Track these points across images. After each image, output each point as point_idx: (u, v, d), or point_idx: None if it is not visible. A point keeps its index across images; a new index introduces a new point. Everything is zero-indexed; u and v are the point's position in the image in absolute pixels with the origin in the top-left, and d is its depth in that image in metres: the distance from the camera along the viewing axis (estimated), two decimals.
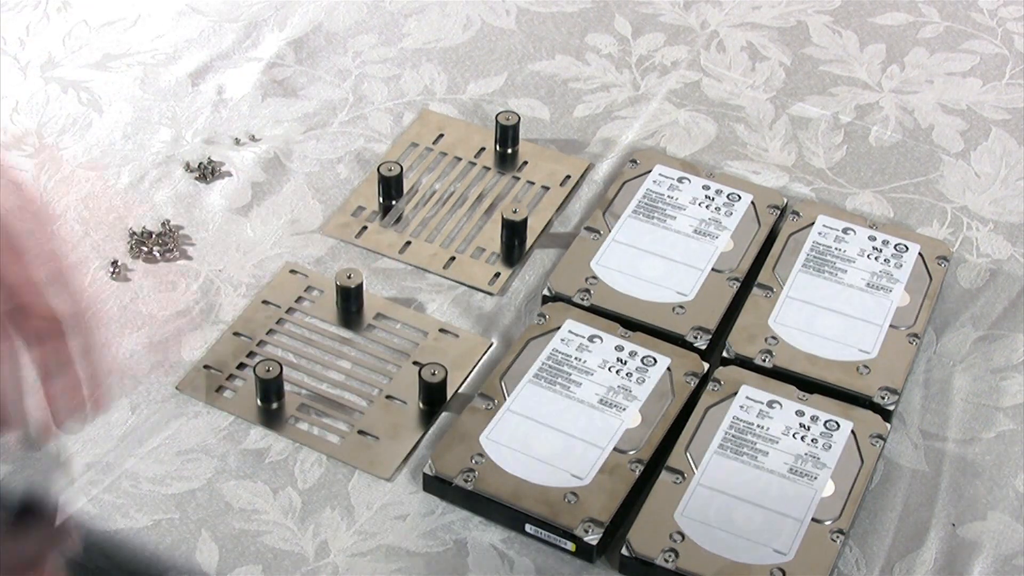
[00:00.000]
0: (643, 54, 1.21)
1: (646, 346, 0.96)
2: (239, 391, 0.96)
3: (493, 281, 1.03)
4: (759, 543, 0.86)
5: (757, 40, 1.23)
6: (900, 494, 0.91)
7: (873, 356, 0.96)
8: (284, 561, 0.87)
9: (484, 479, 0.89)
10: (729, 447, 0.91)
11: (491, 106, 1.16)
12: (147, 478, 0.91)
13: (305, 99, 1.16)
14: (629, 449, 0.90)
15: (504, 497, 0.88)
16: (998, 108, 1.17)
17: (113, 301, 1.01)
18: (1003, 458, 0.93)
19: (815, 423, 0.92)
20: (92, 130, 1.13)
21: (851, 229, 1.04)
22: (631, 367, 0.94)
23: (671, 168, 1.08)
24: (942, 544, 0.89)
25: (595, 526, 0.87)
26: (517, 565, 0.87)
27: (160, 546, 0.88)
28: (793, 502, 0.88)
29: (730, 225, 1.04)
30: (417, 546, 0.88)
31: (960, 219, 1.08)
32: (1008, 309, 1.02)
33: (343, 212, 1.08)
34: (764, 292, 0.99)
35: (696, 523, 0.87)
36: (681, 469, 0.89)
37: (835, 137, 1.15)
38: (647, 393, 0.93)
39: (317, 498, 0.90)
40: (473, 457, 0.90)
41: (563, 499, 0.88)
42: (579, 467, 0.89)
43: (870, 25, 1.25)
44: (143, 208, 1.07)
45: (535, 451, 0.90)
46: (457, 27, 1.24)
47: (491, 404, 0.92)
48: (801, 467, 0.90)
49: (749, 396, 0.93)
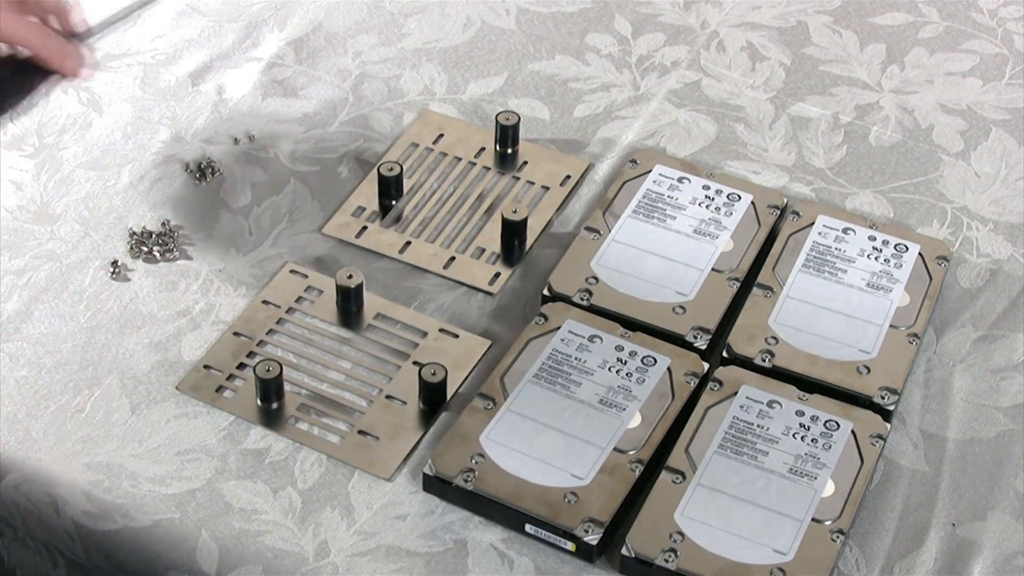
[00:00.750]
0: (643, 54, 1.21)
1: (646, 346, 0.96)
2: (239, 391, 0.96)
3: (493, 281, 1.03)
4: (759, 543, 0.86)
5: (757, 40, 1.23)
6: (900, 494, 0.91)
7: (873, 356, 0.96)
8: (284, 561, 0.87)
9: (484, 479, 0.89)
10: (729, 447, 0.91)
11: (491, 106, 1.16)
12: (147, 478, 0.91)
13: (305, 99, 1.16)
14: (629, 449, 0.90)
15: (504, 497, 0.88)
16: (998, 108, 1.17)
17: (113, 301, 1.01)
18: (1003, 458, 0.93)
19: (815, 423, 0.92)
20: (92, 130, 1.13)
21: (851, 229, 1.04)
22: (631, 367, 0.94)
23: (671, 168, 1.08)
24: (942, 544, 0.89)
25: (595, 526, 0.87)
26: (517, 565, 0.87)
27: (160, 546, 0.88)
28: (793, 502, 0.88)
29: (730, 225, 1.04)
30: (417, 546, 0.88)
31: (960, 219, 1.08)
32: (1008, 309, 1.02)
33: (343, 212, 1.08)
34: (764, 292, 0.99)
35: (696, 523, 0.87)
36: (681, 469, 0.89)
37: (835, 137, 1.15)
38: (647, 393, 0.93)
39: (317, 498, 0.90)
40: (473, 457, 0.90)
41: (563, 499, 0.88)
42: (579, 467, 0.89)
43: (870, 25, 1.25)
44: (143, 208, 1.07)
45: (535, 451, 0.90)
46: (457, 27, 1.24)
47: (491, 404, 0.92)
48: (801, 467, 0.90)
49: (749, 396, 0.93)
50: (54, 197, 1.08)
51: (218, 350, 0.98)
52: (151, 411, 0.95)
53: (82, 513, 0.89)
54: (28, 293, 1.01)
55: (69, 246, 1.05)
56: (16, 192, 1.08)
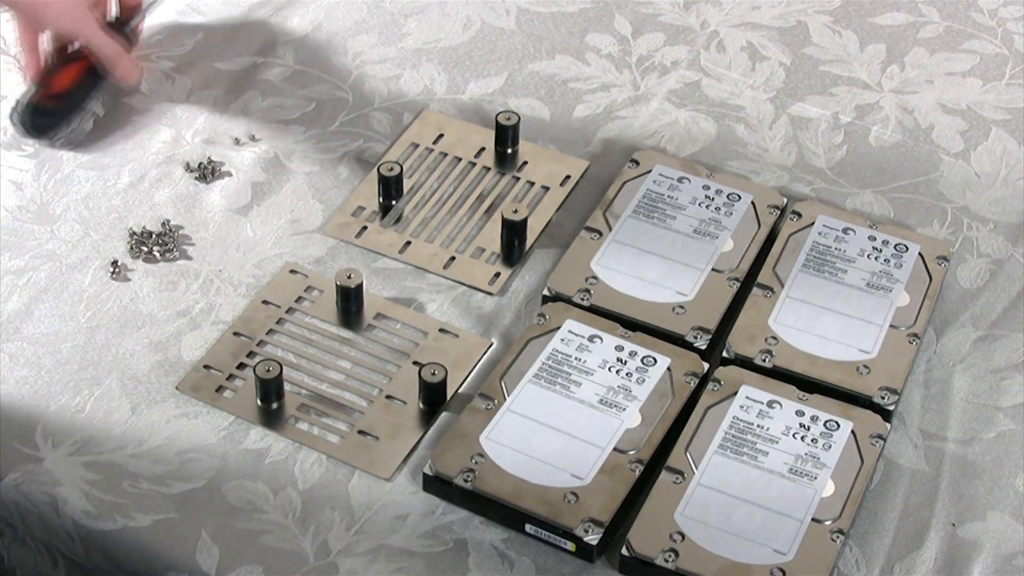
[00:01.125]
0: (643, 54, 1.21)
1: (646, 346, 0.96)
2: (239, 391, 0.96)
3: (493, 281, 1.03)
4: (759, 543, 0.86)
5: (757, 40, 1.23)
6: (900, 494, 0.91)
7: (873, 356, 0.96)
8: (284, 561, 0.87)
9: (484, 479, 0.89)
10: (729, 447, 0.91)
11: (491, 106, 1.16)
12: (147, 478, 0.91)
13: (305, 99, 1.16)
14: (629, 449, 0.90)
15: (504, 497, 0.88)
16: (998, 108, 1.17)
17: (113, 301, 1.01)
18: (1003, 458, 0.93)
19: (815, 423, 0.92)
20: (92, 130, 1.13)
21: (851, 229, 1.04)
22: (631, 367, 0.94)
23: (671, 168, 1.08)
24: (942, 544, 0.89)
25: (595, 526, 0.87)
26: (517, 565, 0.87)
27: (160, 546, 0.88)
28: (793, 502, 0.88)
29: (730, 225, 1.04)
30: (417, 546, 0.88)
31: (960, 219, 1.08)
32: (1008, 309, 1.02)
33: (343, 212, 1.08)
34: (764, 292, 0.99)
35: (696, 523, 0.87)
36: (681, 469, 0.89)
37: (835, 137, 1.15)
38: (647, 393, 0.93)
39: (317, 498, 0.90)
40: (473, 457, 0.90)
41: (563, 499, 0.88)
42: (579, 467, 0.89)
43: (870, 25, 1.25)
44: (143, 208, 1.07)
45: (535, 451, 0.90)
46: (457, 27, 1.24)
47: (491, 404, 0.92)
48: (801, 467, 0.90)
49: (749, 396, 0.93)
50: (54, 197, 1.08)
51: (218, 350, 0.98)
52: (151, 411, 0.95)
53: (82, 513, 0.89)
54: (28, 293, 1.01)
55: (69, 246, 1.05)
56: (16, 192, 1.08)
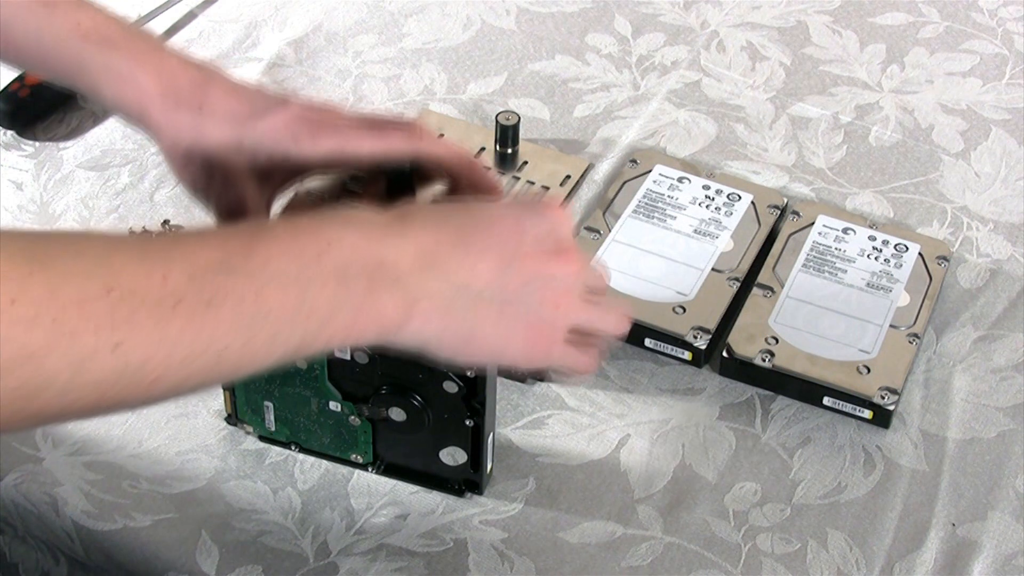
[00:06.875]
0: (643, 54, 1.21)
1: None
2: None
3: None
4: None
5: (757, 40, 1.23)
6: (900, 494, 0.91)
7: (873, 356, 0.96)
8: (284, 562, 0.87)
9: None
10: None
11: (491, 106, 1.16)
12: (147, 478, 0.91)
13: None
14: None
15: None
16: (998, 108, 1.17)
17: None
18: (1003, 458, 0.93)
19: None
20: (92, 130, 1.13)
21: (851, 229, 1.04)
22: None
23: (671, 168, 1.08)
24: (942, 544, 0.89)
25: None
26: (517, 565, 0.87)
27: (160, 546, 0.88)
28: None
29: (730, 225, 1.04)
30: (417, 546, 0.88)
31: (960, 219, 1.08)
32: (1008, 309, 1.02)
33: None
34: (764, 292, 1.00)
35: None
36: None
37: (835, 137, 1.15)
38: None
39: (317, 498, 0.90)
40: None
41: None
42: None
43: (870, 25, 1.25)
44: (143, 208, 1.07)
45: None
46: (457, 27, 1.24)
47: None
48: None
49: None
50: (54, 197, 1.08)
51: None
52: (151, 411, 0.95)
53: (82, 513, 0.89)
54: None
55: None
56: (16, 192, 1.08)
